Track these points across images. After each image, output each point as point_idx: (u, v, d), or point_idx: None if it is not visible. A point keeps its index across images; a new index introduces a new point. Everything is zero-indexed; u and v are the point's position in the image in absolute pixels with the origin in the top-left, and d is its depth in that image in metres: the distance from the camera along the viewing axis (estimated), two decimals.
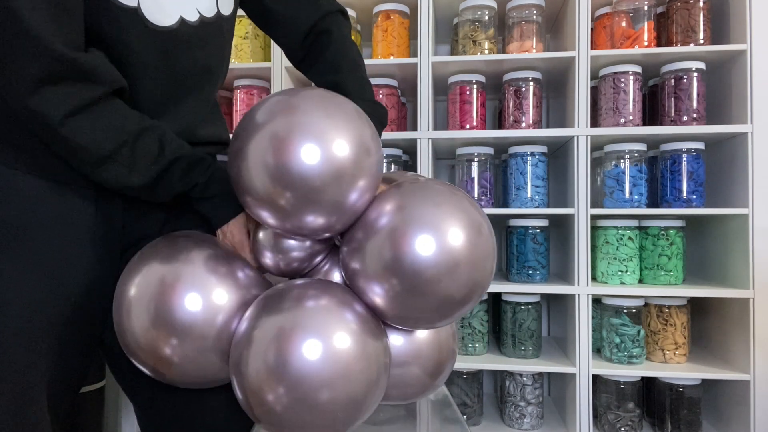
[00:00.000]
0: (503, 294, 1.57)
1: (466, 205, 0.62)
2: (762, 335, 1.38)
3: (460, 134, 1.53)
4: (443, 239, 0.58)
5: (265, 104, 0.59)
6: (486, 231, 0.62)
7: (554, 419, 1.60)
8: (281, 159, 0.56)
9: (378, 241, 0.59)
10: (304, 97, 0.59)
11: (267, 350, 0.56)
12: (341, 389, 0.56)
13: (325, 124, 0.57)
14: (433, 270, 0.57)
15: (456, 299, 0.60)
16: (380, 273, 0.59)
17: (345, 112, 0.59)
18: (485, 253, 0.61)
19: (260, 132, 0.57)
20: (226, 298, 0.63)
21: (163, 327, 0.61)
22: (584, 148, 1.46)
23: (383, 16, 1.61)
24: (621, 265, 1.49)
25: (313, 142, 0.56)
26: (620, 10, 1.52)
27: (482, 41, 1.56)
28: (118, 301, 0.65)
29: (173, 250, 0.65)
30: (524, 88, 1.54)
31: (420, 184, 0.63)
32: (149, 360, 0.63)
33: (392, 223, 0.59)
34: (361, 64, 0.84)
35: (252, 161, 0.57)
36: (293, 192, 0.56)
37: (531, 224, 1.53)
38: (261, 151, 0.56)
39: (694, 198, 1.46)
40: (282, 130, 0.56)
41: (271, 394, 0.55)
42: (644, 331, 1.48)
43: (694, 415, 1.46)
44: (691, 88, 1.46)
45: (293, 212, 0.58)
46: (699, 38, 1.47)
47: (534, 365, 1.50)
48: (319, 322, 0.57)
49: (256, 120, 0.58)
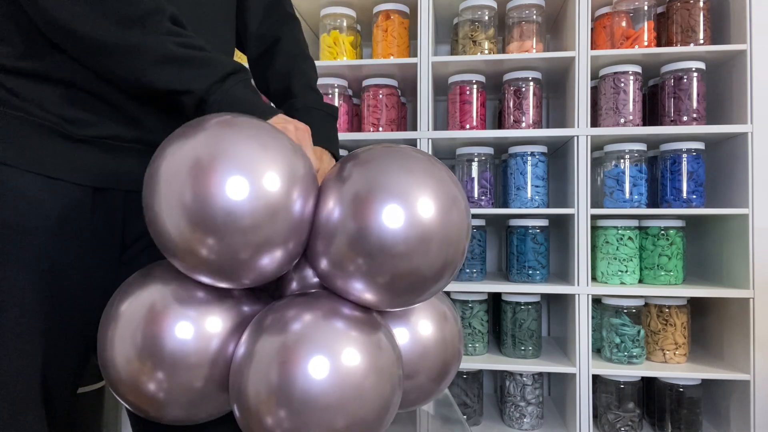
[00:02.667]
0: (503, 294, 1.57)
1: (443, 175, 0.57)
2: (762, 335, 1.38)
3: (460, 134, 1.53)
4: (412, 210, 0.53)
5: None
6: (462, 206, 0.57)
7: (554, 419, 1.60)
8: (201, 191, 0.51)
9: (340, 222, 0.54)
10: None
11: (269, 370, 0.52)
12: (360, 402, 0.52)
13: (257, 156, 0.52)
14: (402, 245, 0.52)
15: (427, 276, 0.55)
16: (347, 254, 0.54)
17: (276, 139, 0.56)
18: (459, 230, 0.56)
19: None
20: (219, 323, 0.58)
21: (150, 358, 0.56)
22: (584, 148, 1.46)
23: (383, 16, 1.61)
24: (621, 265, 1.49)
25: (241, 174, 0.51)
26: (620, 10, 1.52)
27: (482, 41, 1.56)
28: (102, 334, 0.60)
29: (151, 278, 0.61)
30: (524, 88, 1.54)
31: (390, 149, 0.58)
32: (134, 395, 0.58)
33: (355, 191, 0.54)
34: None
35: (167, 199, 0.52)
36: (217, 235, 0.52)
37: (531, 224, 1.53)
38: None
39: (694, 198, 1.46)
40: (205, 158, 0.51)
41: (272, 417, 0.51)
42: (644, 331, 1.48)
43: (694, 415, 1.46)
44: (691, 88, 1.46)
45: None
46: (699, 38, 1.47)
47: (534, 365, 1.50)
48: (325, 338, 0.53)
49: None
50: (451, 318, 0.72)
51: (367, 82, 1.62)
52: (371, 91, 1.61)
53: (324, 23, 1.64)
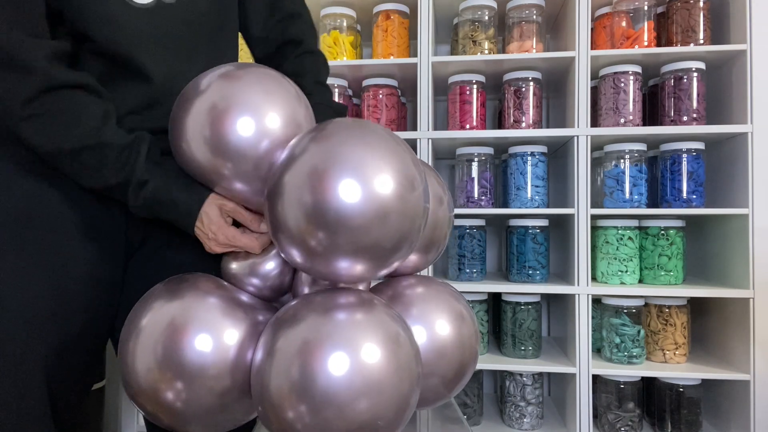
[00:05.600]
0: (503, 294, 1.57)
1: (402, 153, 0.57)
2: (762, 335, 1.38)
3: (460, 134, 1.53)
4: (368, 186, 0.54)
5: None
6: (419, 187, 0.58)
7: (554, 419, 1.60)
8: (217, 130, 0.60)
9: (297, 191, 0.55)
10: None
11: (291, 366, 0.54)
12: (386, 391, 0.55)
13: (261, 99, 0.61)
14: (359, 218, 0.53)
15: (386, 248, 0.56)
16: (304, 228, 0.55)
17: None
18: (415, 208, 0.57)
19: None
20: (235, 333, 0.60)
21: (169, 369, 0.58)
22: (584, 148, 1.46)
23: (383, 16, 1.62)
24: (621, 265, 1.49)
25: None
26: (620, 10, 1.52)
27: (482, 41, 1.56)
28: (122, 345, 0.62)
29: (172, 294, 0.63)
30: (524, 88, 1.54)
31: (351, 122, 0.59)
32: (153, 405, 0.60)
33: (311, 163, 0.56)
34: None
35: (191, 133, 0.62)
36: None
37: (531, 224, 1.53)
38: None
39: (694, 198, 1.46)
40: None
41: (294, 411, 0.53)
42: (644, 331, 1.48)
43: (694, 415, 1.46)
44: (691, 88, 1.46)
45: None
46: (699, 38, 1.47)
47: (534, 365, 1.50)
48: (348, 333, 0.55)
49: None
50: (468, 318, 0.72)
51: (367, 82, 1.62)
52: (371, 91, 1.61)
53: (324, 23, 1.64)
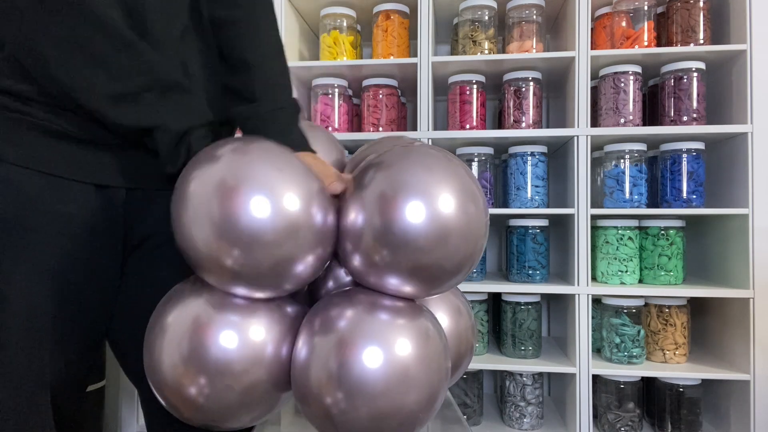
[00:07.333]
0: (503, 294, 1.57)
1: (460, 171, 0.60)
2: (762, 335, 1.38)
3: (460, 134, 1.53)
4: (434, 206, 0.57)
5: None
6: (480, 202, 0.60)
7: (554, 419, 1.60)
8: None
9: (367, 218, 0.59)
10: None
11: (328, 361, 0.57)
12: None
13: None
14: (422, 239, 0.56)
15: (447, 269, 0.59)
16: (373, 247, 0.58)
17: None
18: (479, 224, 0.60)
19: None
20: (265, 328, 0.62)
21: (198, 366, 0.59)
22: (584, 148, 1.46)
23: (383, 16, 1.62)
24: (621, 265, 1.49)
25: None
26: (620, 10, 1.52)
27: (482, 41, 1.56)
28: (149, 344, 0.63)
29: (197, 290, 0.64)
30: (524, 88, 1.54)
31: (407, 149, 0.62)
32: (178, 398, 0.61)
33: (379, 191, 0.58)
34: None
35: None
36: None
37: (531, 224, 1.53)
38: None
39: (694, 198, 1.46)
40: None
41: (331, 397, 0.56)
42: (644, 331, 1.48)
43: (694, 415, 1.46)
44: (691, 88, 1.46)
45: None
46: (699, 38, 1.47)
47: (534, 365, 1.50)
48: (379, 331, 0.58)
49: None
50: (465, 312, 0.76)
51: (367, 82, 1.62)
52: (371, 91, 1.61)
53: (324, 23, 1.64)
